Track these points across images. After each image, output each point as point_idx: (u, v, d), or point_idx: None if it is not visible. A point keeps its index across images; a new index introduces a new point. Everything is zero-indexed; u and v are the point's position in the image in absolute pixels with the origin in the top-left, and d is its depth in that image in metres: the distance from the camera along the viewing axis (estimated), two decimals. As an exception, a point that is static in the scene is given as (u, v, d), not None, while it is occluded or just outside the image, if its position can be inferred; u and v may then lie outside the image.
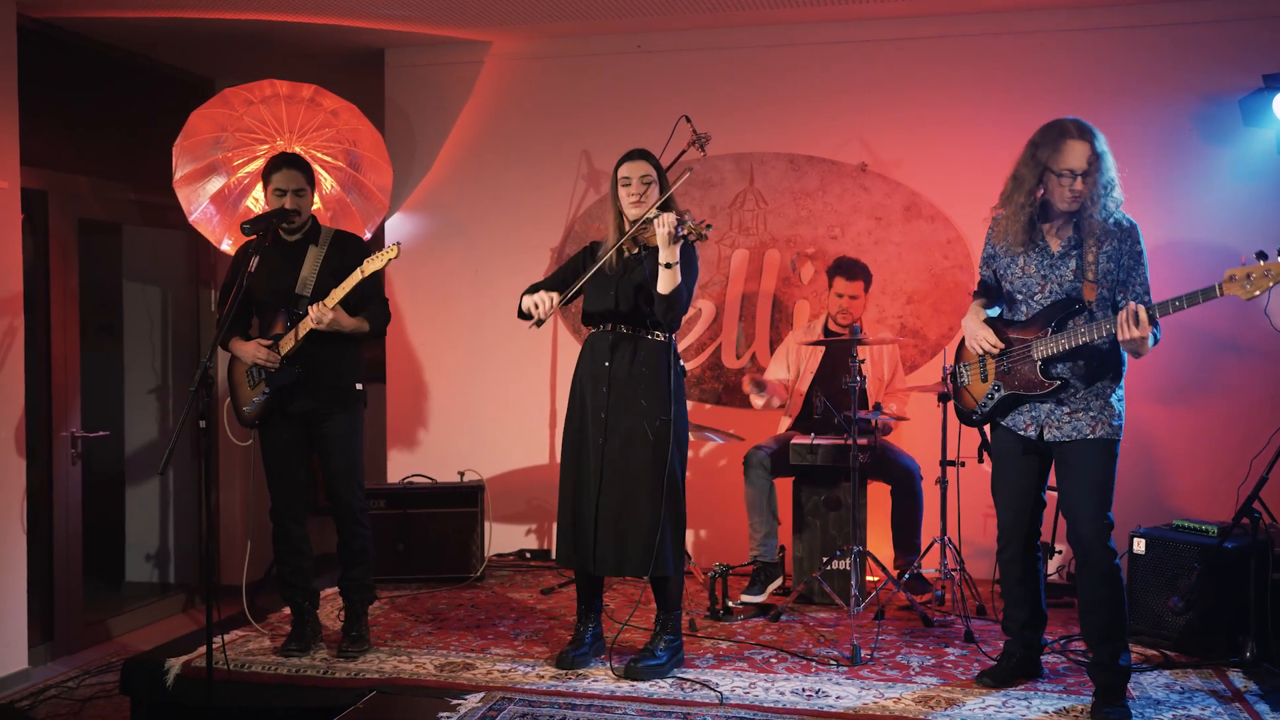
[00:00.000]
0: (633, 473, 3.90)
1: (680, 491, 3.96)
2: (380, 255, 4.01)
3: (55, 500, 5.30)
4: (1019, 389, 3.67)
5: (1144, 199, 4.96)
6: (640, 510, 3.88)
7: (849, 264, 5.00)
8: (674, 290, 3.79)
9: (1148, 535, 4.43)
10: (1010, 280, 3.74)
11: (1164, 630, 4.32)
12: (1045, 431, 3.66)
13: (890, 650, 4.28)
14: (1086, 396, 3.61)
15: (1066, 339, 3.55)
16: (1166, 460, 5.22)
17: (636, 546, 3.87)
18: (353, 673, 4.00)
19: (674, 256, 3.75)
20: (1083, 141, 3.49)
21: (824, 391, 4.92)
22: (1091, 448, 3.60)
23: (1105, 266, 3.56)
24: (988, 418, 3.84)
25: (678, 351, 4.02)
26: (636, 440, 3.90)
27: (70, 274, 5.40)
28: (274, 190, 4.15)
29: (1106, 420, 3.59)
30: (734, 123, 5.57)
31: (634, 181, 3.93)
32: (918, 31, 5.40)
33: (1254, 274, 3.26)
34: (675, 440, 3.91)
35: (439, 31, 5.66)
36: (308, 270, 4.18)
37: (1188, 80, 5.12)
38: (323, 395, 4.18)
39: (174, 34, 5.59)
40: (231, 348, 4.20)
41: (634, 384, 3.91)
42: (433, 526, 5.34)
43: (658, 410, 3.90)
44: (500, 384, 5.90)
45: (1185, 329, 5.13)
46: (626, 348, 3.94)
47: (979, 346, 3.76)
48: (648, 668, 3.94)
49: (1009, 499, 3.84)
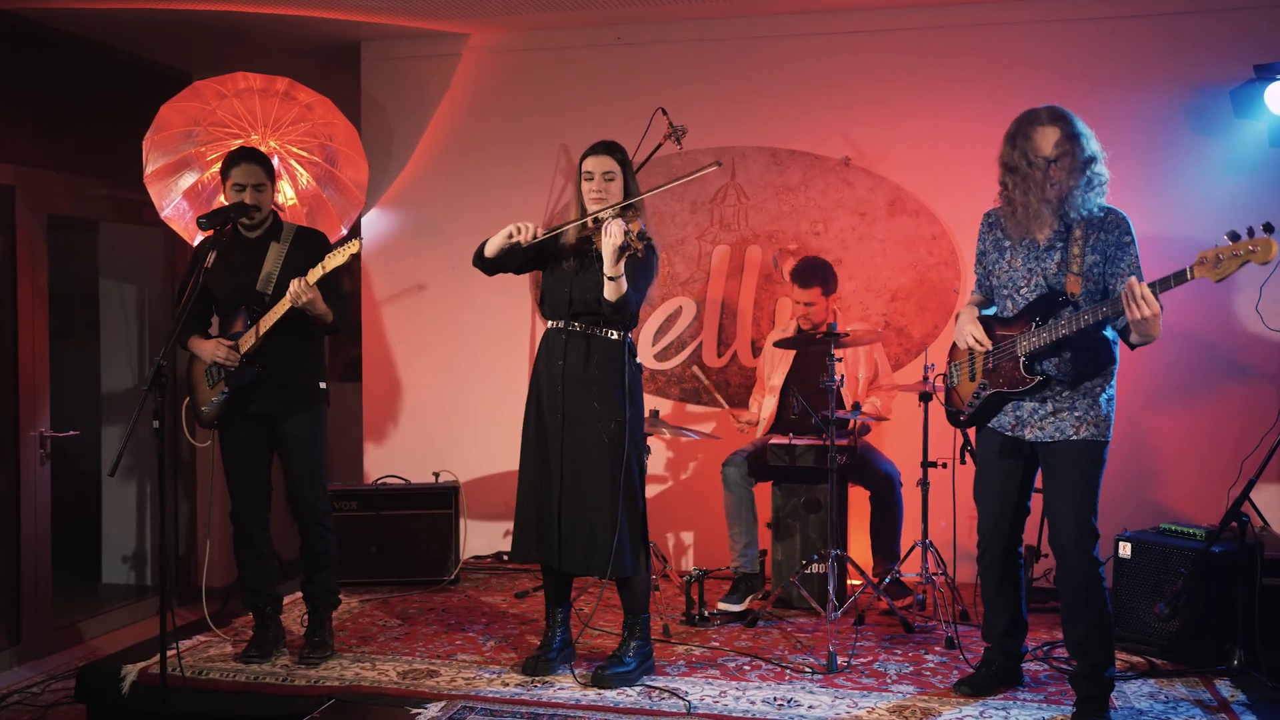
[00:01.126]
0: (591, 474, 3.79)
1: (638, 492, 3.86)
2: (341, 251, 3.90)
3: (23, 501, 5.19)
4: (1004, 386, 3.56)
5: (1135, 191, 4.83)
6: (600, 511, 3.78)
7: (805, 270, 4.88)
8: (619, 298, 3.69)
9: (1134, 539, 4.31)
10: (998, 276, 3.63)
11: (1150, 637, 4.20)
12: (1028, 431, 3.54)
13: (868, 657, 4.16)
14: (1072, 396, 3.48)
15: (1049, 332, 3.43)
16: (1156, 462, 5.10)
17: (599, 547, 3.77)
18: (312, 680, 3.90)
19: (617, 270, 3.64)
20: (1052, 126, 3.39)
21: (800, 391, 4.81)
22: (1074, 449, 3.48)
23: (1091, 259, 3.43)
24: (974, 419, 3.71)
25: (634, 349, 3.92)
26: (592, 442, 3.80)
27: (39, 272, 5.30)
28: (233, 185, 4.03)
29: (1091, 421, 3.46)
30: (715, 116, 5.46)
31: (596, 177, 3.83)
32: (903, 23, 5.28)
33: (1223, 255, 3.14)
34: (632, 440, 3.80)
35: (416, 24, 5.56)
36: (270, 267, 4.07)
37: (1178, 71, 5.00)
38: (284, 395, 4.08)
39: (147, 26, 5.49)
40: (190, 346, 4.10)
41: (588, 385, 3.81)
42: (406, 528, 5.24)
43: (612, 411, 3.80)
44: (478, 383, 5.79)
45: (1177, 328, 5.01)
46: (580, 346, 3.84)
47: (964, 342, 3.66)
48: (615, 675, 3.83)
49: (990, 503, 3.72)
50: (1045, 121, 3.40)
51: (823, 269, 4.91)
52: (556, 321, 3.90)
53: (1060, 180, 3.40)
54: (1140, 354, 5.01)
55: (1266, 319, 4.83)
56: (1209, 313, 4.98)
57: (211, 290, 4.07)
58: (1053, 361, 3.48)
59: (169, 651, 3.54)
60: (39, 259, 5.30)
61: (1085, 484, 3.49)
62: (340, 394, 6.37)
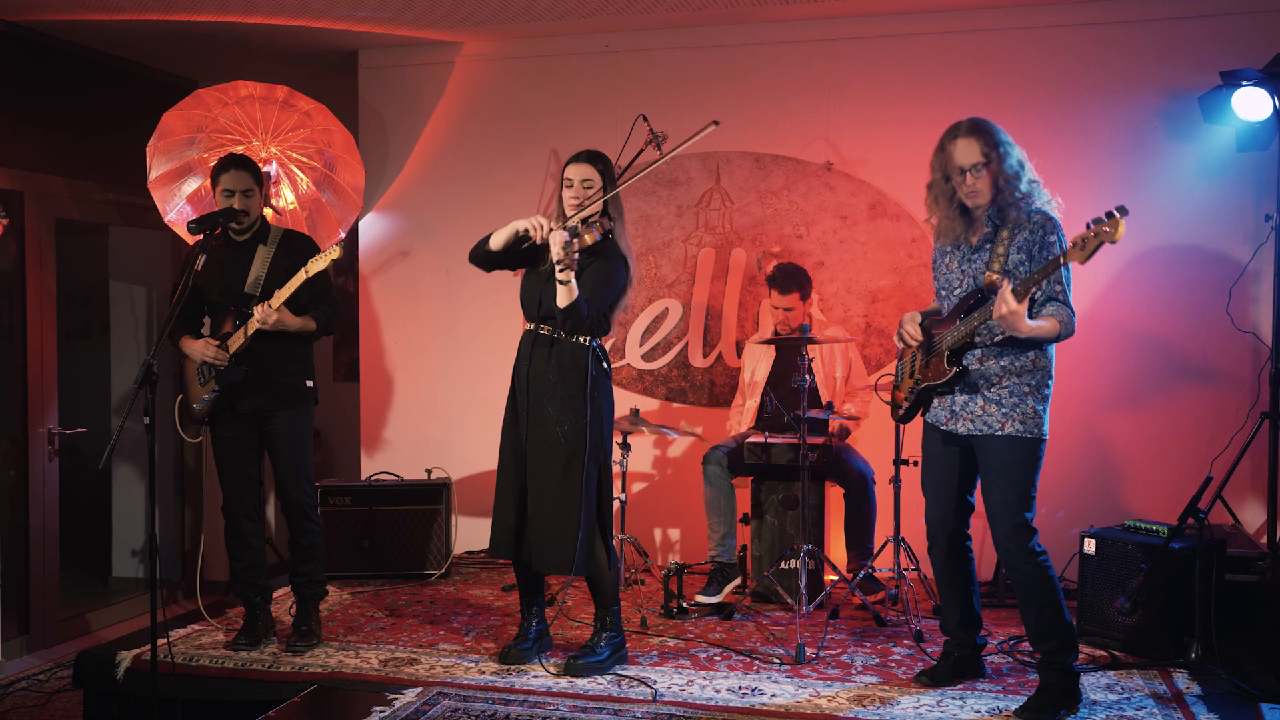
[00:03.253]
0: (548, 474, 3.93)
1: (596, 493, 3.97)
2: (323, 256, 4.05)
3: (31, 496, 5.39)
4: (931, 380, 3.70)
5: (1110, 195, 4.91)
6: (557, 510, 3.91)
7: (783, 276, 5.00)
8: (569, 304, 3.78)
9: (1098, 535, 4.41)
10: (939, 279, 3.77)
11: (1112, 631, 4.30)
12: (960, 424, 3.66)
13: (837, 649, 4.28)
14: (999, 391, 3.59)
15: (964, 325, 3.57)
16: (1128, 461, 5.19)
17: (556, 545, 3.91)
18: (297, 667, 4.06)
19: (566, 275, 3.74)
20: (969, 138, 3.52)
21: (776, 392, 4.93)
22: (1001, 444, 3.58)
23: (1016, 258, 3.54)
24: (910, 413, 3.86)
25: (602, 354, 4.01)
26: (550, 444, 3.93)
27: (47, 274, 5.50)
28: (222, 190, 4.21)
29: (1019, 417, 3.56)
30: (700, 122, 5.53)
31: (575, 185, 3.97)
32: (883, 30, 5.39)
33: (1087, 238, 3.25)
34: (593, 442, 3.92)
35: (411, 33, 5.71)
36: (257, 269, 4.23)
37: (1151, 77, 5.09)
38: (272, 393, 4.24)
39: (151, 36, 5.67)
40: (181, 346, 4.27)
41: (547, 388, 3.94)
42: (398, 523, 5.39)
43: (569, 414, 3.91)
44: (471, 382, 5.94)
45: (1148, 330, 5.11)
46: (544, 351, 3.97)
47: (899, 340, 3.83)
48: (587, 664, 3.97)
49: (933, 495, 3.85)
50: (964, 134, 3.54)
51: (799, 275, 5.03)
52: (530, 324, 4.04)
53: (980, 189, 3.54)
54: (1112, 355, 5.15)
55: (1236, 320, 4.93)
56: (1180, 314, 5.08)
57: (203, 291, 4.24)
58: (975, 355, 3.61)
59: (160, 640, 3.70)
60: (47, 262, 5.50)
61: (1014, 479, 3.58)
62: (342, 393, 6.56)
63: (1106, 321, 5.11)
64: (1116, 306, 5.15)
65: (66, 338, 5.76)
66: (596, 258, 3.94)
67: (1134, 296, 5.13)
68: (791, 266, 5.06)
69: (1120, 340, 5.14)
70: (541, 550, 3.94)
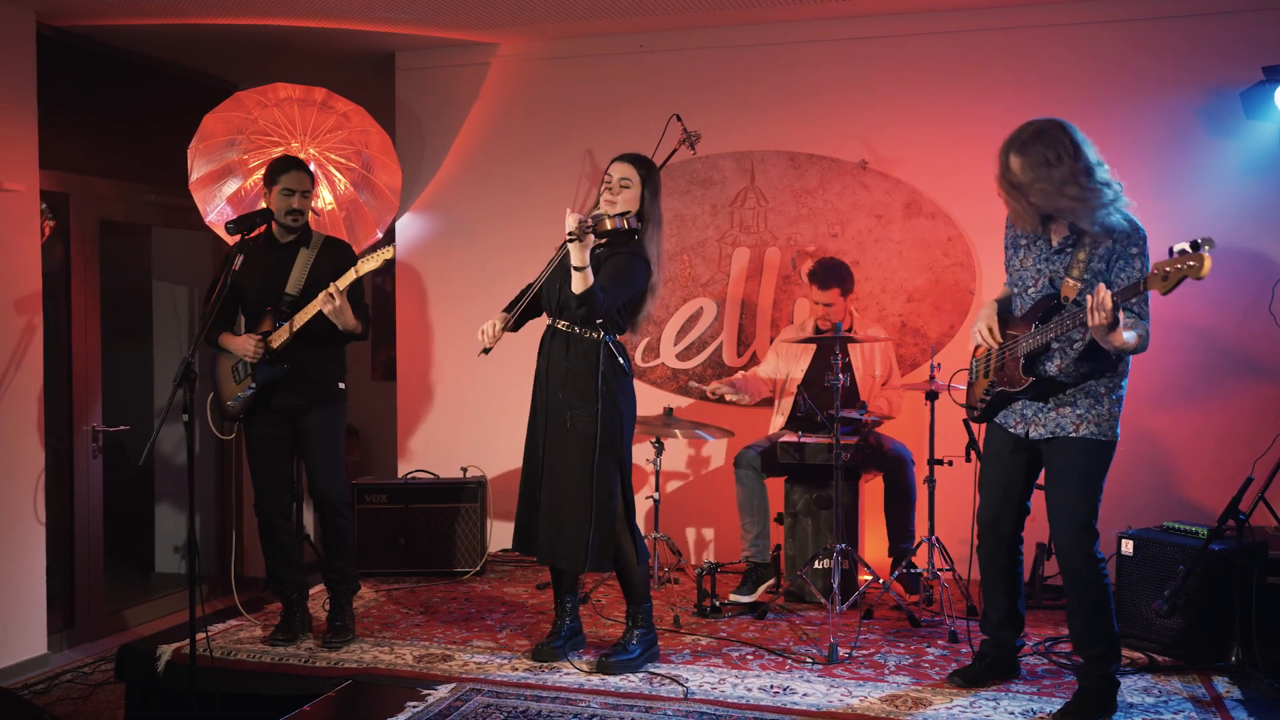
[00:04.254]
0: (561, 468, 3.95)
1: (610, 488, 3.94)
2: (375, 255, 4.08)
3: (76, 492, 5.49)
4: (1006, 386, 3.63)
5: (1152, 193, 4.88)
6: (568, 504, 3.93)
7: (823, 271, 4.99)
8: (584, 291, 3.77)
9: (1135, 537, 4.36)
10: (1012, 273, 3.71)
11: (1151, 634, 4.25)
12: (1033, 429, 3.61)
13: (870, 649, 4.26)
14: (1075, 393, 3.52)
15: (1041, 335, 3.50)
16: (1169, 461, 5.12)
17: (565, 539, 3.92)
18: (333, 662, 4.11)
19: (581, 260, 3.73)
20: (1020, 156, 3.41)
21: (811, 390, 4.92)
22: (1072, 446, 3.53)
23: (1097, 266, 3.46)
24: (984, 415, 3.78)
25: (618, 349, 4.00)
26: (563, 436, 3.95)
27: (91, 274, 5.59)
28: (282, 190, 4.27)
29: (1093, 419, 3.51)
30: (735, 121, 5.59)
31: (613, 181, 3.99)
32: (918, 28, 5.36)
33: (1169, 269, 3.13)
34: (606, 436, 3.91)
35: (447, 34, 5.76)
36: (299, 272, 4.29)
37: (1191, 73, 5.02)
38: (305, 391, 4.30)
39: (191, 40, 5.76)
40: (221, 342, 4.33)
41: (561, 381, 3.97)
42: (434, 521, 5.43)
43: (580, 406, 3.92)
44: (506, 381, 5.95)
45: (1188, 328, 5.04)
46: (560, 345, 4.00)
47: (974, 337, 3.74)
48: (619, 661, 3.98)
49: (990, 496, 3.80)
50: (1015, 149, 3.42)
51: (840, 270, 5.01)
52: (550, 319, 4.07)
53: (1038, 201, 3.44)
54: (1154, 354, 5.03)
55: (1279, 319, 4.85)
56: (1221, 313, 5.00)
57: (243, 291, 4.30)
58: (1054, 363, 3.54)
59: (199, 635, 3.76)
60: (91, 262, 5.60)
61: (1082, 481, 3.53)
62: (379, 393, 6.63)
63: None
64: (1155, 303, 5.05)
65: (111, 337, 5.86)
66: (617, 253, 3.95)
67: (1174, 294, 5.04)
68: (832, 261, 5.06)
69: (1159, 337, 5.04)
70: (553, 544, 3.95)
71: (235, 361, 4.30)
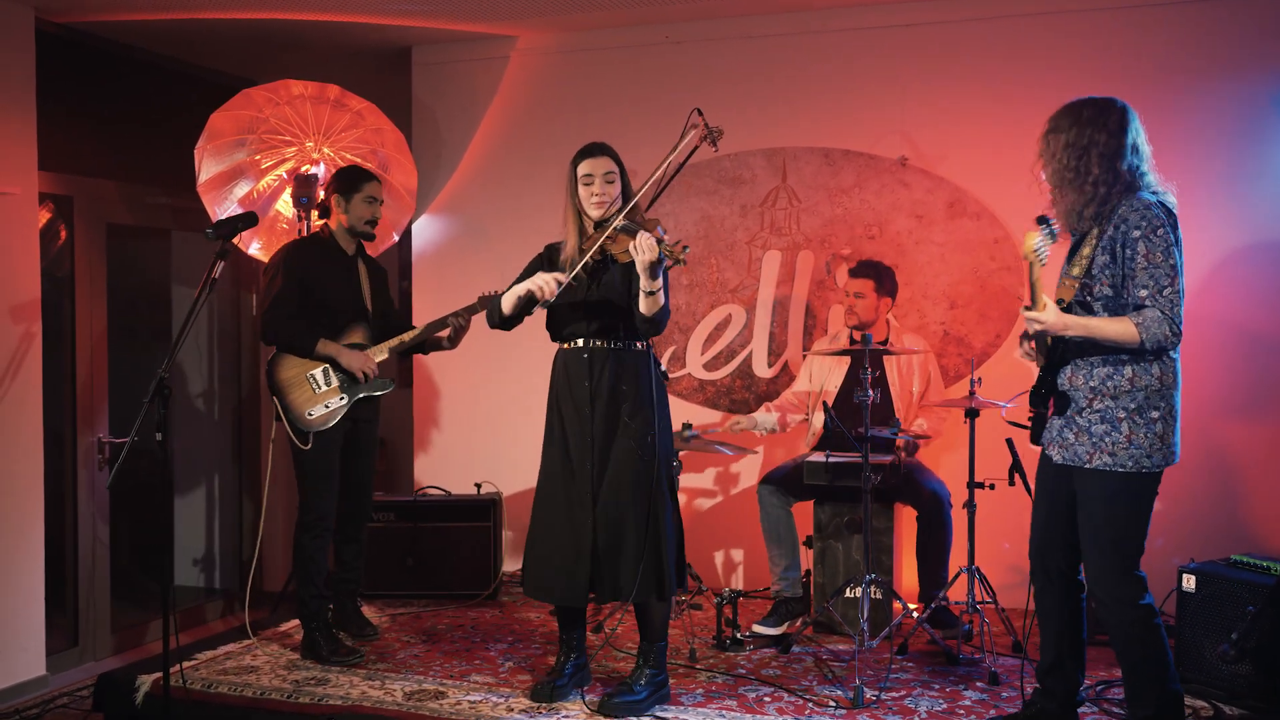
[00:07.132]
0: (628, 495, 3.62)
1: (674, 509, 3.72)
2: None
3: (80, 505, 5.31)
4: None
5: (1215, 185, 4.47)
6: (639, 533, 3.60)
7: (863, 263, 4.70)
8: (657, 312, 3.52)
9: (1198, 571, 3.94)
10: None
11: (1217, 680, 3.83)
12: (1054, 451, 3.26)
13: (901, 691, 3.90)
14: (1089, 416, 3.16)
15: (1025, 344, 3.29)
16: (1235, 483, 4.67)
17: (633, 571, 3.59)
18: (316, 698, 3.85)
19: (655, 285, 3.46)
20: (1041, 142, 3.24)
21: (841, 406, 4.55)
22: (1090, 479, 3.18)
23: (1101, 259, 3.12)
24: (1034, 435, 3.40)
25: (657, 358, 3.76)
26: (629, 460, 3.63)
27: (97, 280, 5.40)
28: (367, 198, 4.37)
29: (1108, 449, 3.13)
30: (766, 116, 5.24)
31: (596, 180, 3.68)
32: (963, 13, 4.97)
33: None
34: (663, 455, 3.65)
35: (465, 27, 5.50)
36: (366, 285, 4.40)
37: (1265, 58, 4.58)
38: (366, 405, 4.40)
39: (201, 35, 5.56)
40: (327, 351, 4.27)
41: (618, 402, 3.65)
42: (444, 541, 5.16)
43: (645, 426, 3.63)
44: (523, 394, 5.68)
45: (1257, 332, 4.59)
46: (605, 363, 3.67)
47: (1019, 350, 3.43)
48: (624, 703, 3.67)
49: (1036, 524, 3.44)
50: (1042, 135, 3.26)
51: (877, 266, 4.71)
52: (574, 341, 3.74)
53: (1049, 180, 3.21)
54: (1222, 361, 4.63)
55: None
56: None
57: (326, 298, 4.30)
58: (1065, 372, 3.20)
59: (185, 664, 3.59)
60: (97, 267, 5.40)
61: (1104, 517, 3.16)
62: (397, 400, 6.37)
63: (1208, 318, 4.59)
64: (1224, 306, 4.64)
65: (129, 343, 5.69)
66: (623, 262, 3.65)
67: (1245, 295, 4.61)
68: (876, 261, 4.77)
69: (1222, 341, 4.63)
70: (621, 577, 3.60)
71: (311, 369, 4.24)
